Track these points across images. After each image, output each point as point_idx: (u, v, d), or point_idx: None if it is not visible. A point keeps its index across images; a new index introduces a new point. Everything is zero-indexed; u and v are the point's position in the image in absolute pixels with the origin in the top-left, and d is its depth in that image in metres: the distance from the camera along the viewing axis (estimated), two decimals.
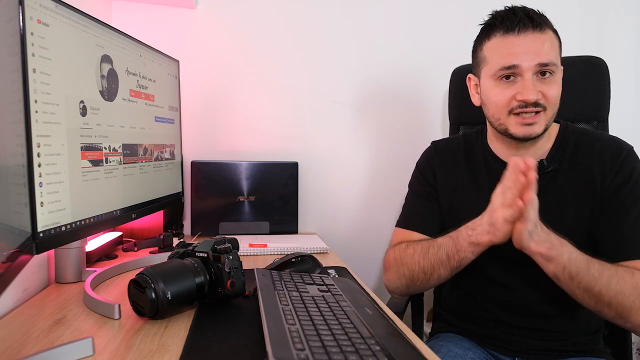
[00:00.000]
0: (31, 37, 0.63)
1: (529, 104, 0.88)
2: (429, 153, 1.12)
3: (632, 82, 1.63)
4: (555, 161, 0.95)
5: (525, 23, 0.88)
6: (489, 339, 0.99)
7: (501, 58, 0.90)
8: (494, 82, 0.93)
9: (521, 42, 0.88)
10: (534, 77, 0.89)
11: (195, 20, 1.46)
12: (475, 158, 1.04)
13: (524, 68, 0.88)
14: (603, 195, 0.91)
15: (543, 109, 0.89)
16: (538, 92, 0.88)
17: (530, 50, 0.88)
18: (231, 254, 0.76)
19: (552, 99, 0.90)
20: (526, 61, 0.88)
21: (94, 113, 0.80)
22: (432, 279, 0.97)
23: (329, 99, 1.55)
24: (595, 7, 1.60)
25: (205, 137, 1.49)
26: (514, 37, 0.89)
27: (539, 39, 0.88)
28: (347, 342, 0.56)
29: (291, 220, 1.45)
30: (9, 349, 0.62)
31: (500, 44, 0.91)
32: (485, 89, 0.96)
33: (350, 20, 1.53)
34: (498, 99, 0.92)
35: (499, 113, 0.93)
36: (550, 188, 0.94)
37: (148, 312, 0.69)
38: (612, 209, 0.90)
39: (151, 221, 1.29)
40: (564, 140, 0.97)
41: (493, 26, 0.93)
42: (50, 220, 0.67)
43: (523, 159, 0.80)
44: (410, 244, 1.01)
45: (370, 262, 1.58)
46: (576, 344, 0.95)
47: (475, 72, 1.01)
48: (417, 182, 1.12)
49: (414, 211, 1.09)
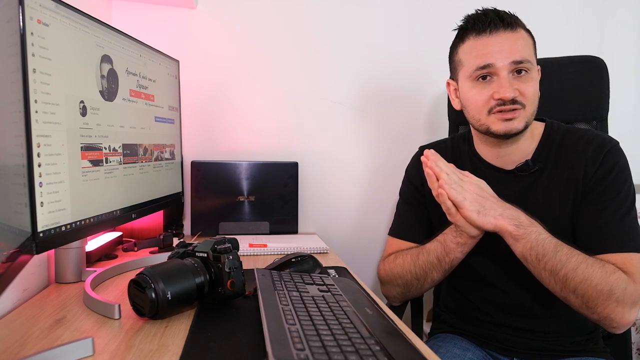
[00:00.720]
0: (31, 37, 0.63)
1: (506, 102, 0.89)
2: (416, 158, 1.13)
3: (632, 82, 1.63)
4: (540, 161, 0.96)
5: (496, 23, 0.89)
6: (487, 339, 0.99)
7: (476, 59, 0.91)
8: (471, 83, 0.94)
9: (494, 42, 0.90)
10: (509, 76, 0.90)
11: (195, 20, 1.46)
12: (462, 161, 1.05)
13: (498, 67, 0.89)
14: (584, 189, 0.91)
15: (522, 106, 0.90)
16: (515, 89, 0.89)
17: (504, 49, 0.89)
18: (231, 254, 0.76)
19: (530, 96, 0.90)
20: (500, 60, 0.89)
21: (94, 113, 0.80)
22: (426, 283, 1.01)
23: (329, 99, 1.55)
24: (595, 7, 1.60)
25: (205, 137, 1.49)
26: (486, 38, 0.90)
27: (512, 38, 0.89)
28: (347, 342, 0.56)
29: (291, 220, 1.45)
30: (9, 349, 0.62)
31: (474, 46, 0.92)
32: (463, 92, 0.97)
33: (350, 20, 1.53)
34: (476, 99, 0.93)
35: (479, 113, 0.94)
36: (536, 187, 0.95)
37: (148, 312, 0.69)
38: (591, 203, 0.90)
39: (151, 221, 1.29)
40: (549, 139, 0.97)
41: (466, 29, 0.94)
42: (50, 220, 0.67)
43: (425, 153, 0.92)
44: (399, 254, 1.05)
45: (370, 262, 1.58)
46: (574, 344, 0.95)
47: (453, 77, 1.02)
48: (406, 189, 1.13)
49: (404, 220, 1.12)
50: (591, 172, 0.90)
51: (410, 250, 1.02)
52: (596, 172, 0.90)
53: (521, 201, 0.91)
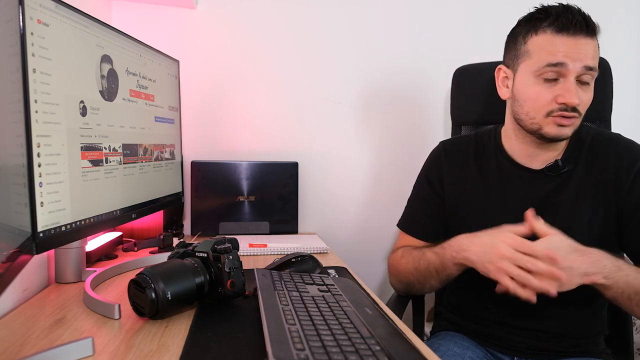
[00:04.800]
0: (31, 37, 0.63)
1: (569, 108, 0.87)
2: (436, 153, 1.11)
3: (632, 83, 1.63)
4: (570, 162, 0.95)
5: (582, 26, 0.85)
6: (488, 338, 0.99)
7: (549, 54, 0.87)
8: (534, 79, 0.90)
9: (574, 44, 0.86)
10: (575, 82, 0.87)
11: (195, 20, 1.46)
12: (486, 158, 1.03)
13: (570, 69, 0.86)
14: (622, 202, 0.90)
15: (579, 115, 0.88)
16: (579, 97, 0.86)
17: (581, 52, 0.85)
18: (231, 254, 0.75)
19: (586, 106, 0.89)
20: (574, 62, 0.85)
21: (94, 113, 0.80)
22: (425, 287, 1.02)
23: (329, 99, 1.55)
24: (595, 7, 1.60)
25: (205, 137, 1.49)
26: (567, 37, 0.86)
27: (590, 44, 0.86)
28: (347, 342, 0.56)
29: (291, 220, 1.45)
30: (9, 349, 0.62)
31: (551, 41, 0.87)
32: (521, 85, 0.92)
33: (351, 20, 1.53)
34: (537, 99, 0.89)
35: (536, 112, 0.90)
36: (564, 189, 0.93)
37: (148, 312, 0.69)
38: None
39: (151, 221, 1.29)
40: (579, 140, 0.96)
41: (543, 21, 0.88)
42: (50, 220, 0.67)
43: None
44: (405, 252, 1.05)
45: (370, 262, 1.58)
46: (575, 345, 0.95)
47: (509, 65, 0.96)
48: (420, 183, 1.12)
49: (412, 215, 1.11)
50: (627, 184, 0.90)
51: (414, 252, 1.02)
52: (635, 186, 0.89)
53: (549, 202, 0.90)
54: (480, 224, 0.92)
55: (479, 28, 1.56)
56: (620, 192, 0.91)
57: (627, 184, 0.90)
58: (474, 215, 0.98)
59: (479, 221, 0.94)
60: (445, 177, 1.06)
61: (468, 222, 0.92)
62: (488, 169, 1.02)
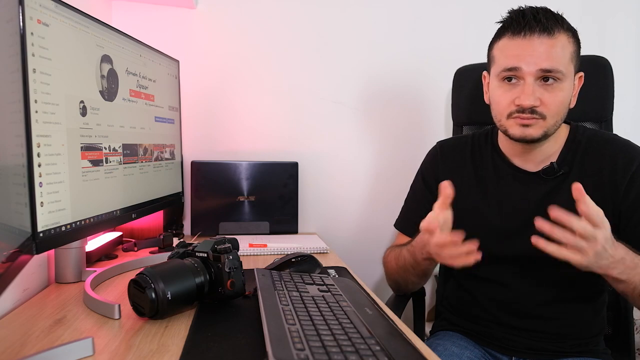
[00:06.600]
0: (31, 37, 0.63)
1: (525, 110, 0.87)
2: (433, 153, 1.11)
3: (632, 83, 1.62)
4: (565, 164, 0.94)
5: (532, 26, 0.86)
6: (487, 338, 0.99)
7: (505, 59, 0.89)
8: (498, 82, 0.92)
9: (526, 46, 0.87)
10: (535, 82, 0.87)
11: (195, 20, 1.46)
12: (483, 158, 1.03)
13: (525, 72, 0.87)
14: (619, 204, 0.90)
15: (541, 117, 0.87)
16: (537, 98, 0.86)
17: (534, 54, 0.86)
18: (231, 254, 0.75)
19: (553, 107, 0.87)
20: (528, 65, 0.86)
21: (94, 113, 0.80)
22: (409, 284, 1.05)
23: (330, 99, 1.55)
24: (595, 8, 1.60)
25: (205, 137, 1.49)
26: (520, 40, 0.87)
27: (546, 44, 0.86)
28: (347, 342, 0.56)
29: (291, 220, 1.45)
30: (9, 349, 0.62)
31: (507, 46, 0.90)
32: (491, 89, 0.96)
33: (351, 20, 1.53)
34: (500, 100, 0.92)
35: (500, 115, 0.93)
36: (560, 191, 0.93)
37: (148, 312, 0.69)
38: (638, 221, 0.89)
39: (151, 221, 1.29)
40: (574, 142, 0.96)
41: (504, 27, 0.91)
42: (50, 220, 0.67)
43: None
44: (392, 250, 1.07)
45: (370, 262, 1.58)
46: (574, 345, 0.95)
47: (487, 71, 1.00)
48: (416, 183, 1.13)
49: (408, 215, 1.12)
50: (622, 186, 0.90)
51: (396, 251, 1.04)
52: (631, 188, 0.89)
53: (545, 205, 0.90)
54: (476, 224, 0.92)
55: (479, 28, 1.55)
56: (617, 194, 0.91)
57: (623, 186, 0.90)
58: (470, 215, 0.98)
59: (474, 222, 0.94)
60: (441, 177, 1.05)
61: (464, 222, 0.92)
62: (484, 170, 1.02)
